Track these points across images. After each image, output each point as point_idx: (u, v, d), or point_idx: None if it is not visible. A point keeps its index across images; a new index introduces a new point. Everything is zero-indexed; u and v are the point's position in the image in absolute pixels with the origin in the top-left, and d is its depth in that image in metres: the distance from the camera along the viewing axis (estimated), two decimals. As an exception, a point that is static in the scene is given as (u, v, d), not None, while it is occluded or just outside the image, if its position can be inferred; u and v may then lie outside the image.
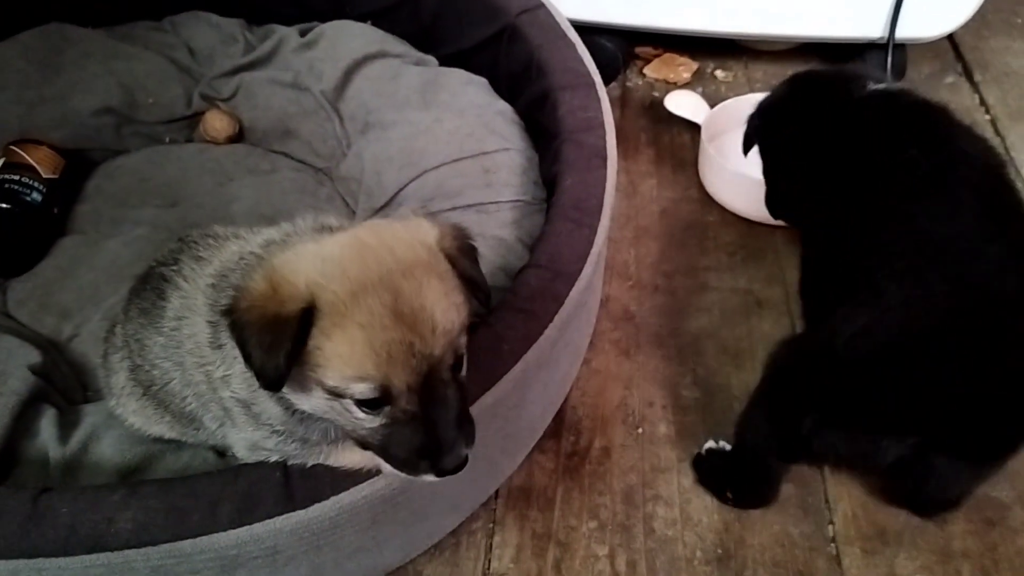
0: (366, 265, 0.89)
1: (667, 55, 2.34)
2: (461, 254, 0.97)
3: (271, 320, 0.87)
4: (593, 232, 1.37)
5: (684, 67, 2.31)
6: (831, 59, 2.31)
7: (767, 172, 1.61)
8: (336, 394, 0.89)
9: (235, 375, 1.04)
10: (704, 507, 1.43)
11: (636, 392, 1.60)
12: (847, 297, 1.20)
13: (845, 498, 1.43)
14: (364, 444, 0.96)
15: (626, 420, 1.55)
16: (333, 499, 1.07)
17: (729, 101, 2.04)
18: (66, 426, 1.32)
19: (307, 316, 0.87)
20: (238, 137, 1.94)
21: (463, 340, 0.93)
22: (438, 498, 1.25)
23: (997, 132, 2.15)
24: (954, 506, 1.37)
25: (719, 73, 2.35)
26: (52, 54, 1.99)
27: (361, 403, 0.88)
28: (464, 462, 0.91)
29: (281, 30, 2.08)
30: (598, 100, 1.58)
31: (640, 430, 1.54)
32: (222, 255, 1.14)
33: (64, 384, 1.44)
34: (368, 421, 0.90)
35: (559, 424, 1.53)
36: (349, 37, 2.01)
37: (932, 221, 1.17)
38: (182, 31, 2.10)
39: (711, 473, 1.45)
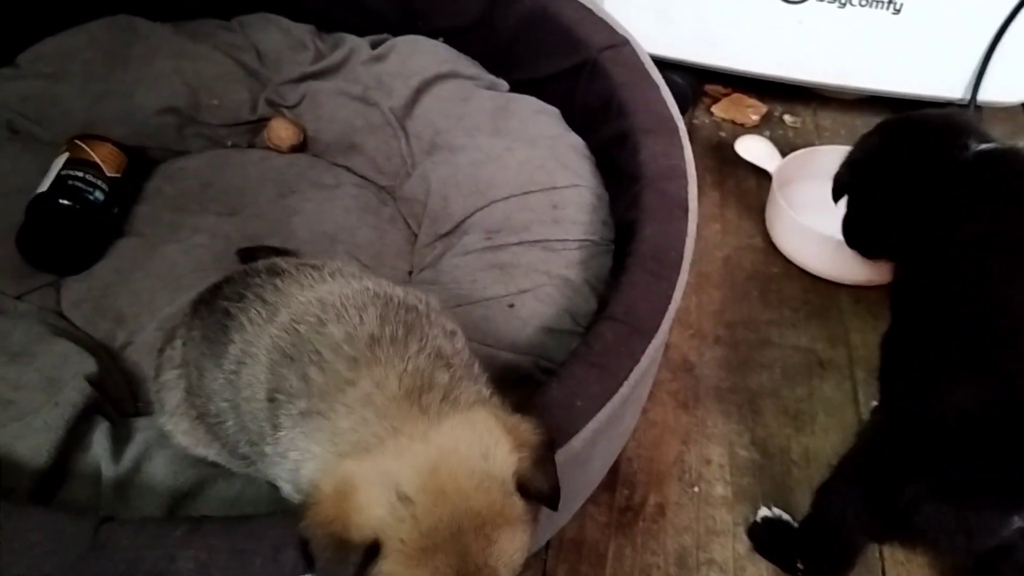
0: (439, 519, 0.86)
1: (736, 95, 2.30)
2: (538, 469, 0.93)
3: (337, 544, 0.86)
4: (672, 287, 1.33)
5: (753, 109, 2.28)
6: (900, 111, 2.27)
7: (856, 222, 1.58)
8: None
9: (285, 460, 1.00)
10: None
11: (693, 448, 1.56)
12: (955, 364, 1.15)
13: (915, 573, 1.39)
14: None
15: (682, 477, 1.52)
16: None
17: (801, 152, 2.00)
18: (118, 441, 1.28)
19: (372, 551, 0.85)
20: (301, 147, 1.91)
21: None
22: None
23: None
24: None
25: (787, 118, 2.31)
26: (120, 47, 1.97)
27: None
28: None
29: (351, 40, 2.05)
30: (681, 147, 1.54)
31: (696, 488, 1.50)
32: (289, 305, 1.10)
33: (116, 393, 1.40)
34: None
35: (614, 476, 1.50)
36: (421, 54, 1.98)
37: None
38: (251, 32, 2.07)
39: (774, 542, 1.41)
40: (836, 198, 1.59)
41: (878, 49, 2.08)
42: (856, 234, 1.61)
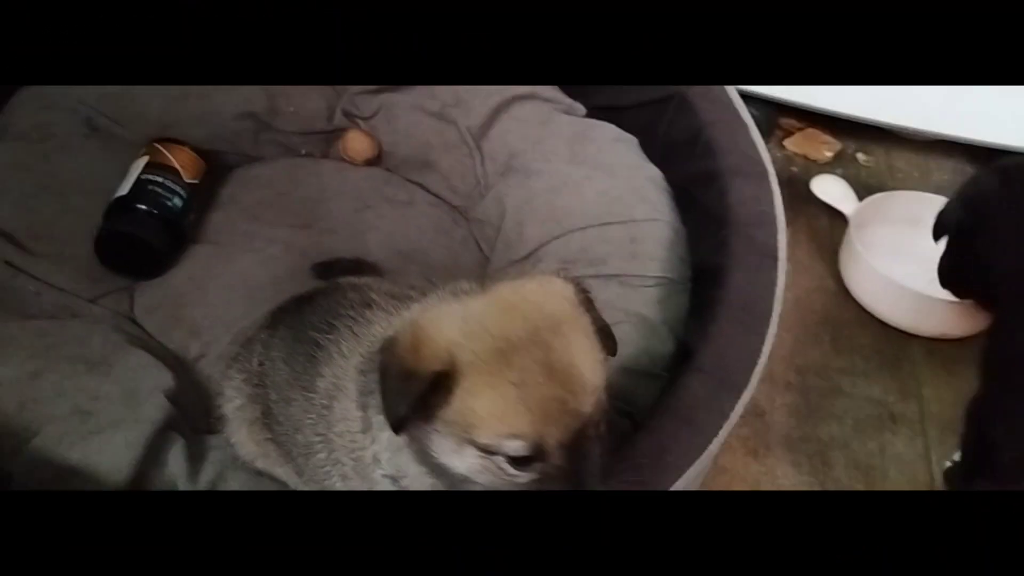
0: (512, 322, 0.89)
1: (810, 130, 2.27)
2: (590, 305, 0.96)
3: (407, 374, 0.88)
4: (762, 340, 1.31)
5: (827, 146, 2.24)
6: (976, 155, 2.24)
7: (957, 262, 1.56)
8: (489, 451, 0.88)
9: (383, 450, 1.02)
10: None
11: (761, 498, 1.54)
12: None
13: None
14: None
15: (750, 528, 1.49)
16: None
17: (880, 196, 1.97)
18: (194, 460, 1.28)
19: (444, 376, 0.87)
20: (376, 160, 1.90)
21: (605, 397, 0.91)
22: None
23: None
24: None
25: (860, 156, 2.27)
26: (199, 48, 1.96)
27: (513, 460, 0.87)
28: None
29: (431, 54, 2.03)
30: (771, 192, 1.51)
31: (765, 542, 1.48)
32: (372, 333, 1.11)
33: (189, 409, 1.40)
34: (519, 477, 0.89)
35: (681, 522, 1.47)
36: (499, 73, 1.96)
37: None
38: (329, 40, 2.06)
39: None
40: (938, 236, 1.56)
41: (960, 93, 2.03)
42: (954, 274, 1.58)
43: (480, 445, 0.87)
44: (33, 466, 1.20)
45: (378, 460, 1.04)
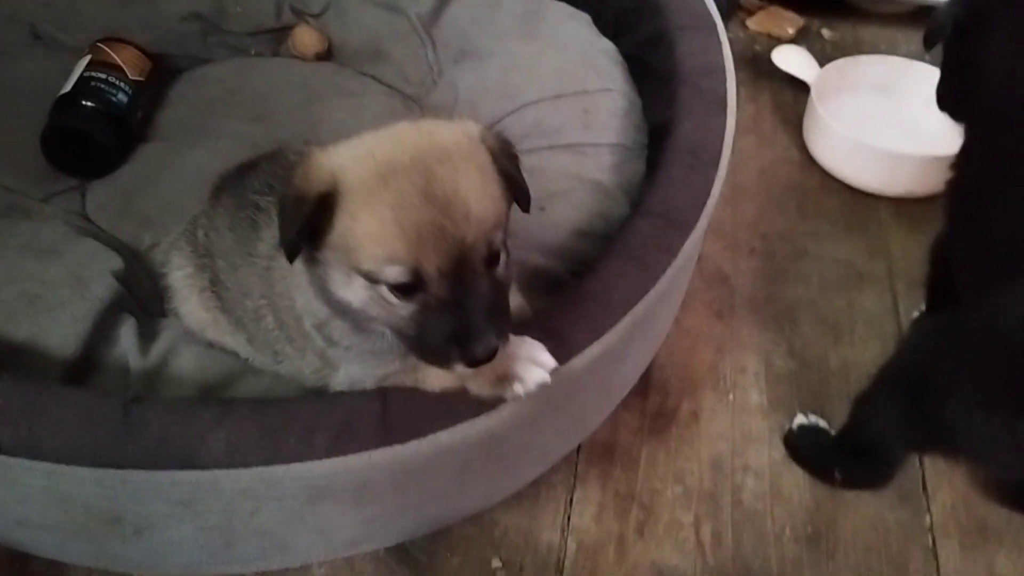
0: (398, 148, 0.88)
1: (773, 8, 2.23)
2: (503, 152, 0.95)
3: (297, 199, 0.89)
4: (710, 181, 1.29)
5: (790, 23, 2.20)
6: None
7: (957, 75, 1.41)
8: (371, 279, 0.88)
9: (304, 295, 1.03)
10: (796, 483, 1.37)
11: (727, 357, 1.53)
12: (1009, 273, 1.09)
13: (944, 488, 1.37)
14: (401, 336, 0.93)
15: (716, 385, 1.49)
16: (431, 436, 1.02)
17: (841, 61, 1.94)
18: (145, 336, 1.27)
19: (327, 199, 0.87)
20: (326, 55, 1.87)
21: (499, 235, 0.91)
22: (529, 448, 1.20)
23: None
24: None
25: (825, 32, 2.24)
26: (142, -47, 1.92)
27: (395, 288, 0.87)
28: (494, 352, 0.88)
29: (379, -53, 1.99)
30: (719, 43, 1.49)
31: (731, 396, 1.48)
32: None
33: (142, 295, 1.38)
34: (402, 308, 0.89)
35: (646, 383, 1.47)
36: (447, -40, 1.92)
37: None
38: (273, -62, 2.01)
39: (811, 450, 1.38)
40: (931, 43, 1.41)
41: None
42: (951, 89, 1.43)
43: (363, 272, 0.88)
44: (-20, 345, 1.19)
45: (302, 313, 1.05)
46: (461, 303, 0.87)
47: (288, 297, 1.09)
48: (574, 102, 1.61)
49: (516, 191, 0.95)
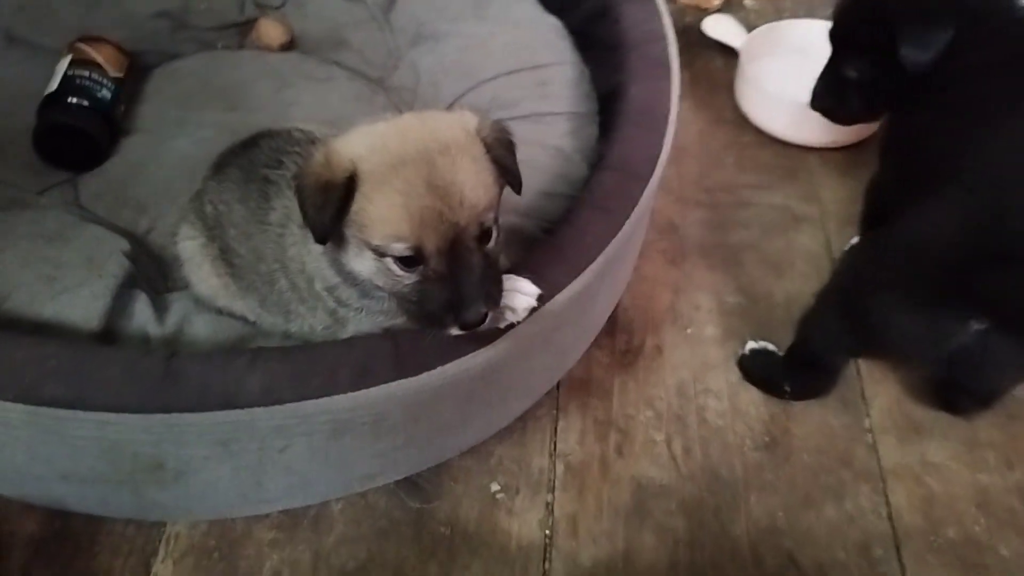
0: (406, 141, 1.04)
1: (699, -20, 2.40)
2: (497, 143, 1.10)
3: (323, 186, 1.03)
4: (662, 137, 1.45)
5: (716, -6, 2.38)
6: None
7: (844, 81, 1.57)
8: (379, 253, 1.03)
9: (316, 261, 1.17)
10: (751, 400, 1.54)
11: (683, 297, 1.70)
12: (926, 194, 1.28)
13: (880, 394, 1.55)
14: (403, 303, 1.08)
15: (675, 322, 1.66)
16: (439, 369, 1.15)
17: (766, 26, 2.11)
18: (159, 309, 1.38)
19: (350, 183, 1.02)
20: (290, 45, 1.98)
21: (491, 216, 1.06)
22: (520, 380, 1.35)
23: None
24: (986, 406, 1.49)
25: (748, 1, 2.41)
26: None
27: (399, 261, 1.03)
28: (483, 318, 1.03)
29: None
30: (658, 12, 1.64)
31: (689, 331, 1.64)
32: None
33: (147, 273, 1.49)
34: (406, 278, 1.04)
35: (613, 324, 1.63)
36: (399, -51, 2.04)
37: None
38: (230, -63, 2.11)
39: (762, 370, 1.55)
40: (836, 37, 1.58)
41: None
42: (840, 93, 1.59)
43: (373, 247, 1.03)
44: (9, 325, 1.29)
45: (313, 275, 1.20)
46: (455, 276, 1.02)
47: (300, 261, 1.22)
48: (529, 76, 1.75)
49: (508, 176, 1.10)
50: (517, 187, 1.13)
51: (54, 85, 1.65)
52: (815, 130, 1.95)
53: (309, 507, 1.38)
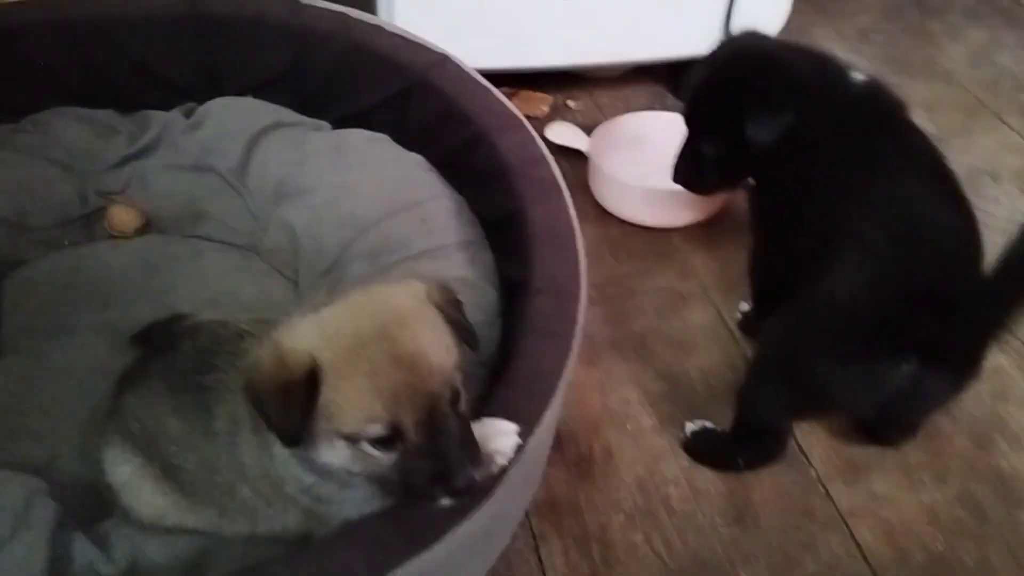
0: (361, 321, 1.02)
1: (523, 92, 2.52)
2: (448, 304, 1.10)
3: (283, 387, 0.98)
4: (576, 254, 1.50)
5: (542, 102, 2.50)
6: (658, 75, 2.61)
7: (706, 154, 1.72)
8: (353, 439, 0.99)
9: (284, 465, 1.11)
10: (707, 479, 1.59)
11: (611, 395, 1.74)
12: (829, 261, 1.40)
13: (815, 444, 1.65)
14: (385, 483, 1.04)
15: (612, 421, 1.69)
16: (450, 534, 1.10)
17: (603, 125, 2.24)
18: (101, 544, 1.25)
19: (312, 377, 0.97)
20: (146, 228, 1.88)
21: (458, 377, 1.04)
22: (509, 519, 1.32)
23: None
24: (914, 434, 1.62)
25: (571, 103, 2.56)
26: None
27: (376, 443, 0.99)
28: (473, 482, 1.01)
29: (160, 115, 2.03)
30: (531, 136, 1.71)
31: (628, 427, 1.68)
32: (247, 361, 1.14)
33: (71, 505, 1.35)
34: (384, 459, 1.00)
35: (559, 438, 1.63)
36: (238, 112, 2.00)
37: (913, 199, 1.42)
38: (48, 130, 1.97)
39: (709, 449, 1.61)
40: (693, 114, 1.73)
41: (628, 23, 2.35)
42: (698, 167, 1.75)
43: (345, 435, 0.99)
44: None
45: (282, 478, 1.13)
46: (437, 445, 0.99)
47: (261, 467, 1.15)
48: (410, 214, 1.76)
49: (464, 335, 1.09)
50: (475, 344, 1.13)
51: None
52: (674, 212, 2.09)
53: None
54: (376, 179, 1.84)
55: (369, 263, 1.71)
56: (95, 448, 1.33)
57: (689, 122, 1.72)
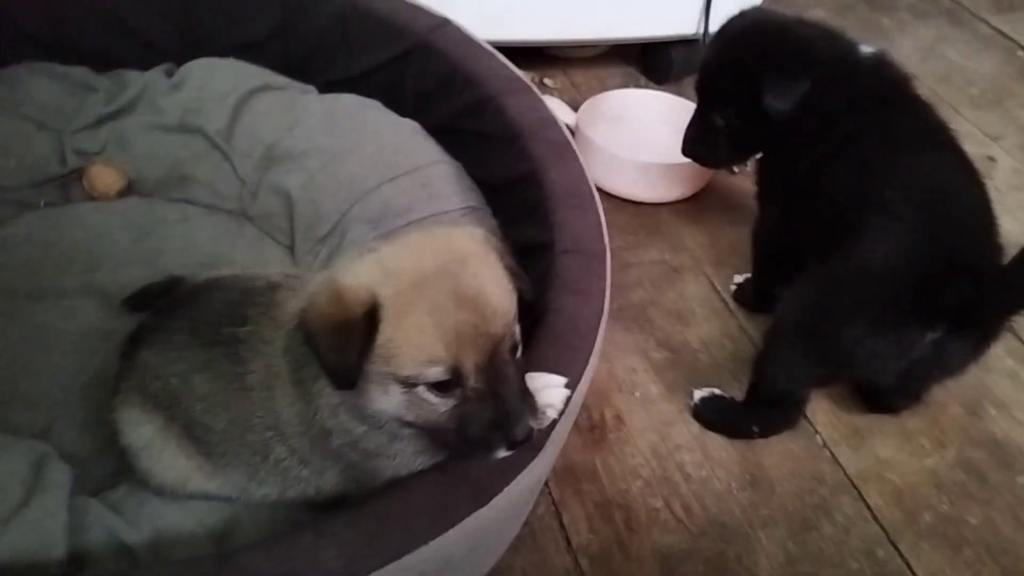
0: (423, 258, 0.97)
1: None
2: (502, 251, 1.06)
3: (340, 325, 0.93)
4: (597, 214, 1.48)
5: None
6: (628, 56, 2.63)
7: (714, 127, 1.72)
8: (411, 384, 0.94)
9: (332, 416, 1.06)
10: (719, 445, 1.60)
11: (617, 363, 1.73)
12: (855, 229, 1.41)
13: (818, 411, 1.67)
14: (439, 433, 0.99)
15: (621, 389, 1.68)
16: (507, 489, 1.06)
17: (590, 100, 2.23)
18: (119, 511, 1.18)
19: (372, 315, 0.93)
20: (128, 190, 1.78)
21: (517, 327, 1.01)
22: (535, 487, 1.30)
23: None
24: (918, 401, 1.66)
25: (547, 81, 2.55)
26: None
27: (433, 387, 0.94)
28: (532, 432, 0.97)
29: (138, 74, 1.93)
30: (539, 100, 1.69)
31: (637, 394, 1.68)
32: (287, 311, 1.10)
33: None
34: (442, 405, 0.96)
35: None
36: (222, 74, 1.91)
37: (936, 168, 1.45)
38: (19, 85, 1.86)
39: (721, 416, 1.62)
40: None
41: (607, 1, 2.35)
42: (709, 140, 1.75)
43: (402, 379, 0.94)
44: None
45: (327, 431, 1.07)
46: (497, 392, 0.94)
47: (302, 421, 1.10)
48: (410, 179, 1.71)
49: (519, 282, 1.04)
50: (528, 294, 1.08)
51: None
52: (663, 187, 2.10)
53: None
54: (373, 144, 1.78)
55: (370, 228, 1.66)
56: (109, 409, 1.25)
57: (702, 94, 1.72)
